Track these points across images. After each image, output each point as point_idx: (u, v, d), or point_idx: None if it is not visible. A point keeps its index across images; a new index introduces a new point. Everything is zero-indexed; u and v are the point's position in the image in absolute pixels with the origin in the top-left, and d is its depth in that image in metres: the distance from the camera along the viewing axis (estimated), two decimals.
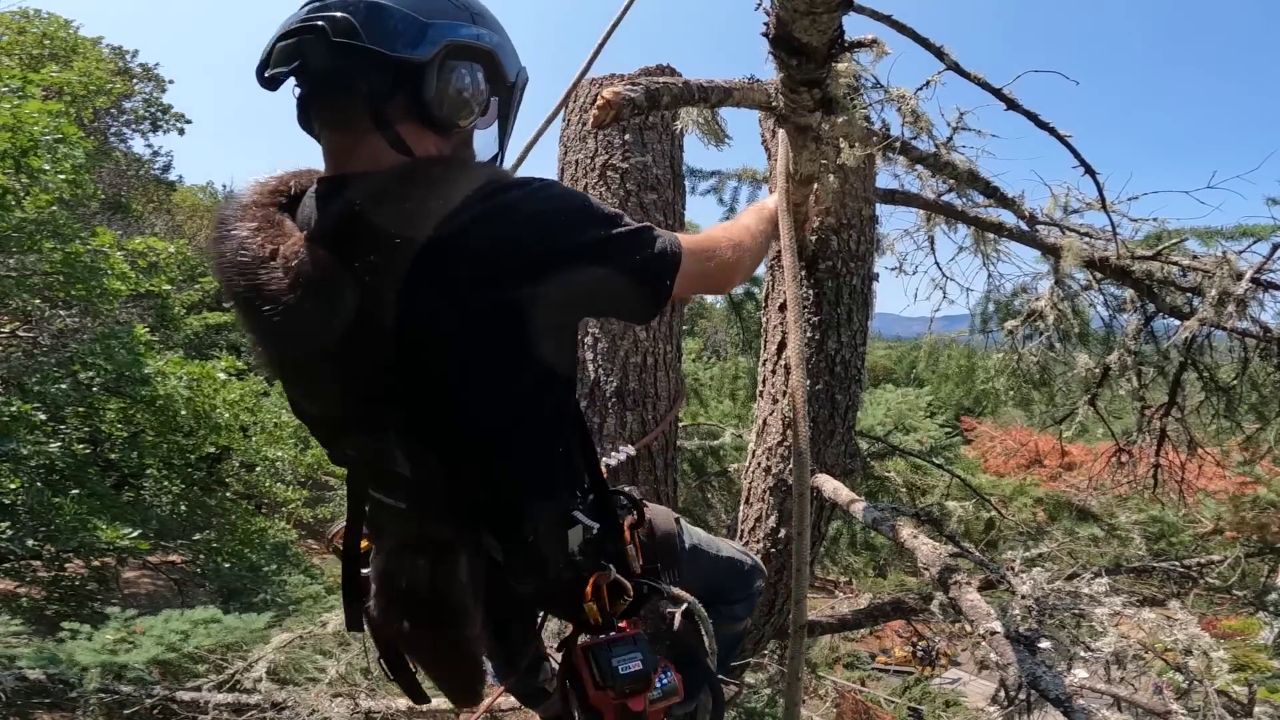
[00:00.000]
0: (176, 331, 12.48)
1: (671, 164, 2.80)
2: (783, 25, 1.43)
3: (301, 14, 0.99)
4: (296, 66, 0.98)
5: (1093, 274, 2.77)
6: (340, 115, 1.03)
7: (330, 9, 0.96)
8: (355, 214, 0.93)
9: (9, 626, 3.94)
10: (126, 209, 15.77)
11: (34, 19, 11.66)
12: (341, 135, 1.04)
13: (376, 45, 0.96)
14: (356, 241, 0.92)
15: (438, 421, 1.02)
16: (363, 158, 1.01)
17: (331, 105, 1.03)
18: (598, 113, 1.41)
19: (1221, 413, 3.00)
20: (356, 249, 0.92)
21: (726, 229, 1.39)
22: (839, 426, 2.38)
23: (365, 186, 0.96)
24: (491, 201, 0.95)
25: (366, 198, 0.94)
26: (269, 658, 3.37)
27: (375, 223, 0.92)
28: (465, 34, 1.03)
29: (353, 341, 0.94)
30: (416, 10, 0.99)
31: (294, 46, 0.97)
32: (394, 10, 0.97)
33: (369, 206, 0.93)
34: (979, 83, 1.83)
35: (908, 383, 12.12)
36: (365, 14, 0.96)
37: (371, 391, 1.00)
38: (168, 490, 9.12)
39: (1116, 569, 3.84)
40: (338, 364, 0.98)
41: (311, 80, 1.02)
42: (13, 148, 5.63)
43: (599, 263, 0.99)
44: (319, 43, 0.96)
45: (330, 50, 0.95)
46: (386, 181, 0.96)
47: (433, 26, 0.99)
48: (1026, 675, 1.32)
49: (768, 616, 2.45)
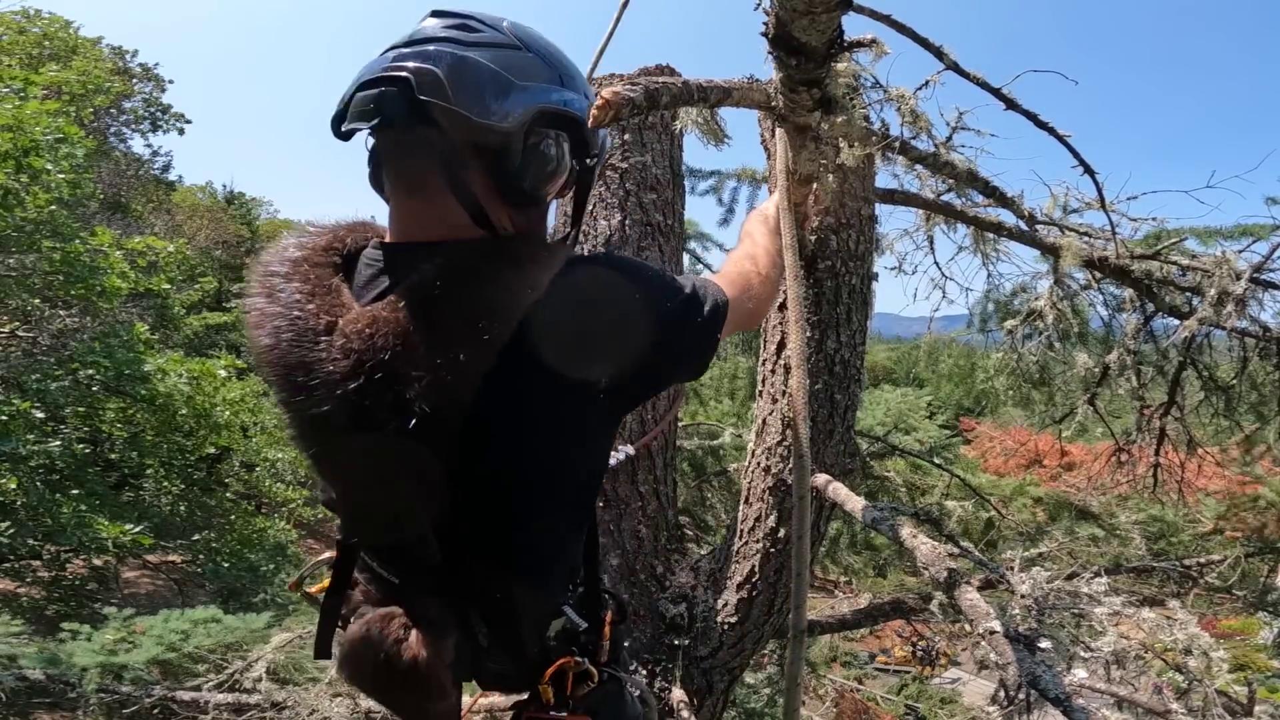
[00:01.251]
0: (176, 331, 12.47)
1: (671, 164, 2.80)
2: (782, 25, 1.43)
3: (383, 63, 0.90)
4: (376, 123, 0.89)
5: (1092, 273, 2.77)
6: (414, 178, 0.94)
7: (415, 60, 0.88)
8: (435, 296, 0.85)
9: (9, 626, 3.94)
10: (126, 209, 15.78)
11: (34, 19, 11.67)
12: (413, 200, 0.96)
13: (463, 108, 0.87)
14: (435, 327, 0.84)
15: (478, 513, 0.95)
16: (433, 225, 0.94)
17: (406, 165, 0.95)
18: (596, 113, 1.41)
19: (1221, 412, 3.01)
20: (435, 335, 0.83)
21: (753, 258, 1.37)
22: (838, 426, 2.38)
23: (445, 264, 0.87)
24: (572, 287, 0.89)
25: (449, 276, 0.85)
26: (269, 657, 3.37)
27: (459, 307, 0.84)
28: (555, 99, 0.95)
29: (410, 432, 0.85)
30: (508, 69, 0.91)
31: (375, 99, 0.89)
32: (484, 68, 0.89)
33: (452, 287, 0.85)
34: (978, 82, 1.83)
35: (907, 382, 12.12)
36: (452, 69, 0.88)
37: (417, 482, 0.91)
38: (168, 490, 9.12)
39: (1116, 569, 3.85)
40: (385, 454, 0.89)
41: (388, 136, 0.94)
42: (14, 148, 5.63)
43: (669, 343, 0.97)
44: (401, 97, 0.88)
45: (412, 107, 0.87)
46: (471, 259, 0.88)
47: (523, 91, 0.91)
48: (1026, 675, 1.32)
49: (767, 616, 2.45)
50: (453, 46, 0.91)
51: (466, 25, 0.94)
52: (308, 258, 0.96)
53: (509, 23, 0.97)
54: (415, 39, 0.93)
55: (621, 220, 2.65)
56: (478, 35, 0.93)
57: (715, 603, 2.47)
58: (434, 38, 0.92)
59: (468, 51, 0.90)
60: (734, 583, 2.44)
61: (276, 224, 24.96)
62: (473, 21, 0.94)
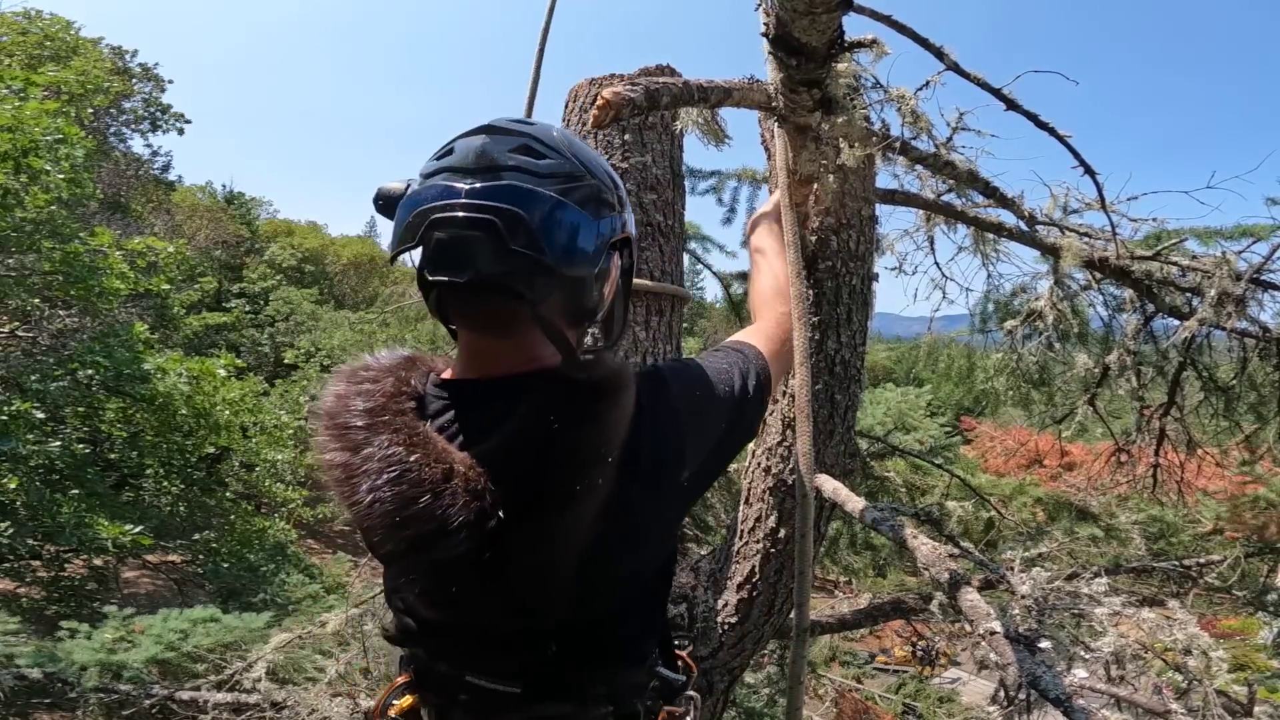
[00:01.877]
0: (176, 331, 12.48)
1: (671, 164, 2.80)
2: (782, 25, 1.43)
3: (451, 193, 0.86)
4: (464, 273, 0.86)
5: (1092, 274, 2.77)
6: (494, 316, 0.92)
7: (494, 199, 0.85)
8: (550, 435, 0.84)
9: (8, 625, 3.94)
10: (126, 209, 15.78)
11: (35, 20, 11.67)
12: (493, 337, 0.94)
13: (556, 261, 0.86)
14: (553, 464, 0.84)
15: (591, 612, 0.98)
16: (518, 362, 0.94)
17: (488, 304, 0.90)
18: (597, 113, 1.41)
19: (1220, 412, 3.01)
20: (551, 471, 0.84)
21: (781, 293, 1.46)
22: (838, 426, 2.38)
23: (546, 401, 0.86)
24: (657, 401, 0.96)
25: (558, 413, 0.85)
26: (268, 657, 3.37)
27: (572, 440, 0.84)
28: (617, 227, 0.96)
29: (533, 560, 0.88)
30: (583, 205, 0.90)
31: (461, 248, 0.85)
32: (569, 214, 0.88)
33: (565, 424, 0.84)
34: (979, 83, 1.83)
35: (907, 382, 12.11)
36: (542, 218, 0.85)
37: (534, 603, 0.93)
38: (167, 490, 9.13)
39: (1116, 569, 3.85)
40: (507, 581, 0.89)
41: (470, 278, 0.88)
42: (13, 148, 5.63)
43: (733, 427, 1.07)
44: (488, 245, 0.84)
45: (503, 255, 0.84)
46: (570, 395, 0.87)
47: (596, 226, 0.91)
48: (1026, 675, 1.32)
49: (767, 616, 2.45)
50: (527, 180, 0.88)
51: (529, 149, 0.90)
52: (385, 406, 0.90)
53: (558, 132, 0.95)
54: (482, 166, 0.88)
55: None
56: (547, 164, 0.90)
57: (715, 603, 2.47)
58: (503, 166, 0.88)
59: (543, 187, 0.88)
60: (734, 583, 2.44)
61: (276, 224, 24.97)
62: (533, 143, 0.91)
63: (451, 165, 0.90)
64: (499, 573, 0.88)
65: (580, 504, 0.86)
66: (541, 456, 0.84)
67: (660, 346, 2.57)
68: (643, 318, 2.53)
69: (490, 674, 0.98)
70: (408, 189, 0.93)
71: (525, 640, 0.96)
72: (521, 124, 0.94)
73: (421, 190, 0.90)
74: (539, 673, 0.98)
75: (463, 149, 0.90)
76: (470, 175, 0.88)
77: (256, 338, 19.44)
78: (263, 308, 20.33)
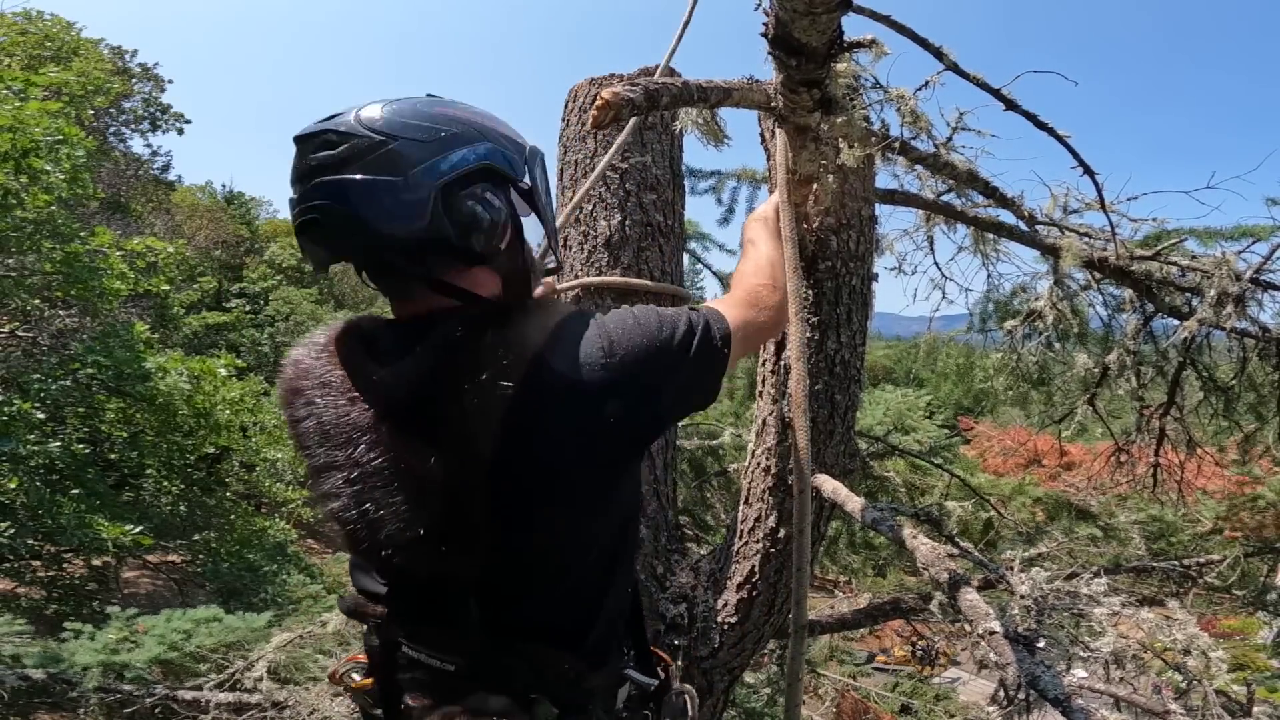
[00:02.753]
0: (176, 331, 12.48)
1: (671, 164, 2.80)
2: (782, 25, 1.43)
3: (295, 207, 0.98)
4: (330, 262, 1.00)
5: (1092, 274, 2.77)
6: (393, 289, 1.05)
7: (313, 199, 0.94)
8: (457, 340, 0.93)
9: (11, 626, 3.95)
10: (126, 209, 15.78)
11: (35, 20, 11.67)
12: (405, 300, 1.05)
13: (386, 228, 0.94)
14: (458, 363, 0.92)
15: (514, 574, 0.99)
16: (425, 304, 1.02)
17: (378, 281, 1.05)
18: (596, 113, 1.41)
19: (1220, 412, 3.01)
20: (460, 368, 0.91)
21: (759, 269, 1.41)
22: (838, 426, 2.38)
23: (463, 318, 0.96)
24: (575, 336, 0.96)
25: (467, 325, 0.94)
26: (269, 657, 3.37)
27: (480, 345, 0.92)
28: (445, 168, 0.96)
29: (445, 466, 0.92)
30: (389, 171, 0.93)
31: (308, 246, 0.99)
32: (368, 184, 0.93)
33: (470, 332, 0.93)
34: (978, 83, 1.83)
35: (907, 382, 12.11)
36: (345, 199, 0.93)
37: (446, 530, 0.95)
38: (167, 490, 9.13)
39: (1116, 569, 3.85)
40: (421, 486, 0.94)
41: (341, 262, 1.02)
42: (13, 149, 5.63)
43: (678, 380, 1.04)
44: (323, 241, 0.97)
45: (341, 244, 0.97)
46: (486, 313, 0.98)
47: (412, 183, 0.94)
48: (1025, 675, 1.32)
49: (767, 616, 2.45)
50: (327, 174, 0.94)
51: (326, 143, 0.95)
52: (329, 341, 1.04)
53: (360, 114, 0.97)
54: (298, 175, 0.97)
55: (621, 220, 2.65)
56: (343, 149, 0.94)
57: (715, 603, 2.47)
58: (308, 168, 0.96)
59: (343, 173, 0.93)
60: (734, 583, 2.44)
61: (276, 224, 24.95)
62: (329, 135, 0.95)
63: (291, 179, 1.00)
64: (403, 487, 0.92)
65: (478, 416, 0.89)
66: (440, 369, 0.92)
67: None
68: None
69: (425, 645, 1.02)
70: None
71: (450, 595, 0.98)
72: (325, 120, 0.98)
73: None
74: (473, 649, 0.99)
75: (293, 163, 1.00)
76: (297, 183, 0.98)
77: (256, 338, 19.44)
78: (263, 308, 20.33)
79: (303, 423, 0.99)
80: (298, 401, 1.01)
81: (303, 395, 1.00)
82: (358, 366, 0.98)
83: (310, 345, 1.05)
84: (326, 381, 0.99)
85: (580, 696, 1.04)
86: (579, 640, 1.05)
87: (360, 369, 0.97)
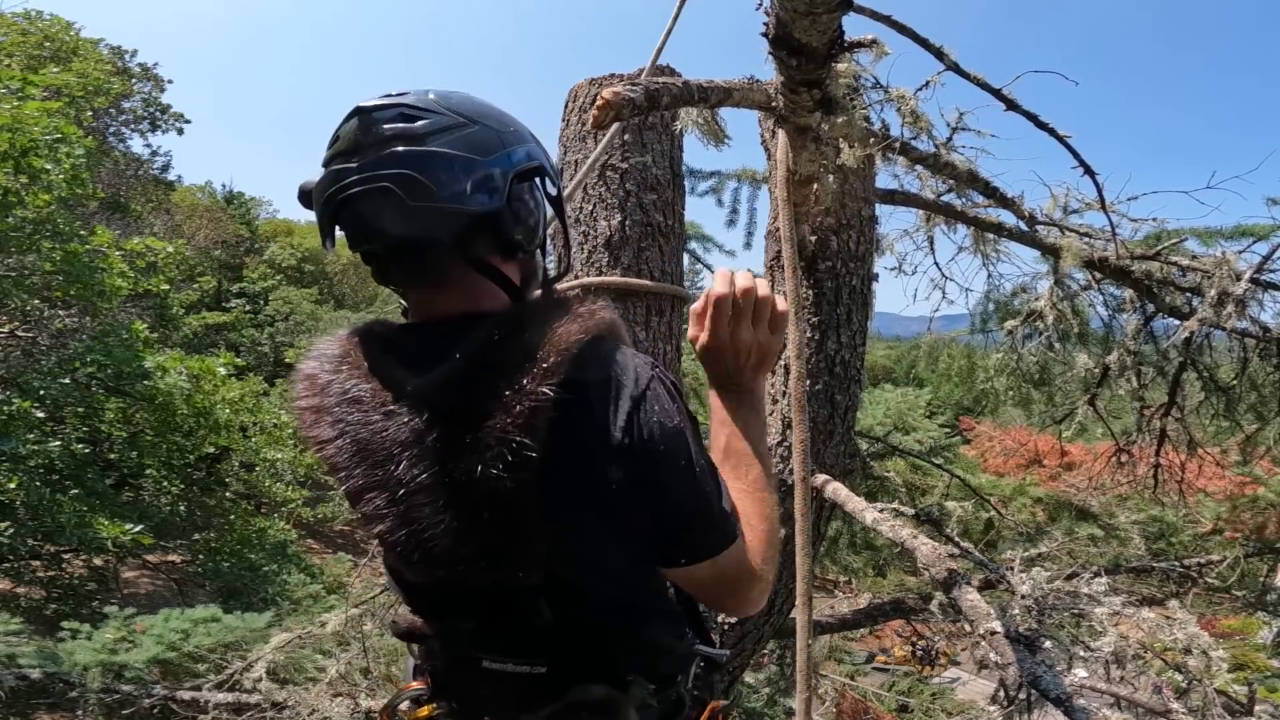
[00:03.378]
0: (175, 331, 12.49)
1: (671, 164, 2.80)
2: (783, 26, 1.43)
3: (344, 176, 0.92)
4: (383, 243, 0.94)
5: (1092, 274, 2.77)
6: (431, 272, 0.98)
7: (384, 167, 0.90)
8: (495, 342, 0.89)
9: (9, 625, 3.94)
10: (125, 209, 15.78)
11: (35, 20, 11.68)
12: (436, 290, 1.00)
13: (454, 203, 0.91)
14: (498, 367, 0.87)
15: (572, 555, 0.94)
16: (455, 304, 0.98)
17: (418, 264, 0.98)
18: (597, 113, 1.41)
19: (1221, 412, 3.01)
20: (500, 373, 0.87)
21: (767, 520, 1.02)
22: (838, 427, 2.38)
23: (497, 321, 0.91)
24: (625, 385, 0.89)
25: (503, 327, 0.90)
26: (269, 657, 3.37)
27: (516, 346, 0.88)
28: (518, 159, 0.98)
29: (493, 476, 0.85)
30: (471, 150, 0.94)
31: (367, 217, 0.93)
32: (456, 158, 0.92)
33: (507, 335, 0.89)
34: (979, 83, 1.83)
35: (907, 382, 12.10)
36: (430, 169, 0.90)
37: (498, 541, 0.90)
38: (167, 490, 9.13)
39: (1116, 569, 3.84)
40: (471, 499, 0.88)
41: (388, 244, 0.96)
42: (13, 148, 5.63)
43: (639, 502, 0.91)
44: (393, 210, 0.91)
45: (408, 215, 0.91)
46: (518, 315, 0.93)
47: (492, 164, 0.95)
48: (1026, 675, 1.32)
49: (767, 616, 2.45)
50: (409, 143, 0.92)
51: (403, 116, 0.94)
52: (347, 350, 0.99)
53: (434, 95, 0.98)
54: (367, 143, 0.93)
55: (621, 220, 2.65)
56: (423, 124, 0.93)
57: None
58: (384, 137, 0.92)
59: (426, 145, 0.92)
60: None
61: (276, 224, 24.96)
62: (406, 110, 0.94)
63: (340, 150, 0.95)
64: (452, 501, 0.88)
65: (523, 421, 0.85)
66: (473, 375, 0.88)
67: (660, 346, 2.57)
68: (643, 318, 2.53)
69: (506, 654, 0.97)
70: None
71: (518, 602, 0.94)
72: (391, 96, 0.97)
73: (321, 181, 0.96)
74: (557, 646, 0.96)
75: (345, 134, 0.95)
76: (357, 154, 0.93)
77: (256, 337, 19.45)
78: (262, 307, 20.34)
79: (332, 443, 0.93)
80: (323, 421, 0.95)
81: (327, 414, 0.95)
82: (389, 377, 0.93)
83: (321, 358, 1.00)
84: (355, 397, 0.93)
85: (670, 666, 1.03)
86: (653, 616, 1.03)
87: (392, 379, 0.92)
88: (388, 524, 0.91)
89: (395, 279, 1.02)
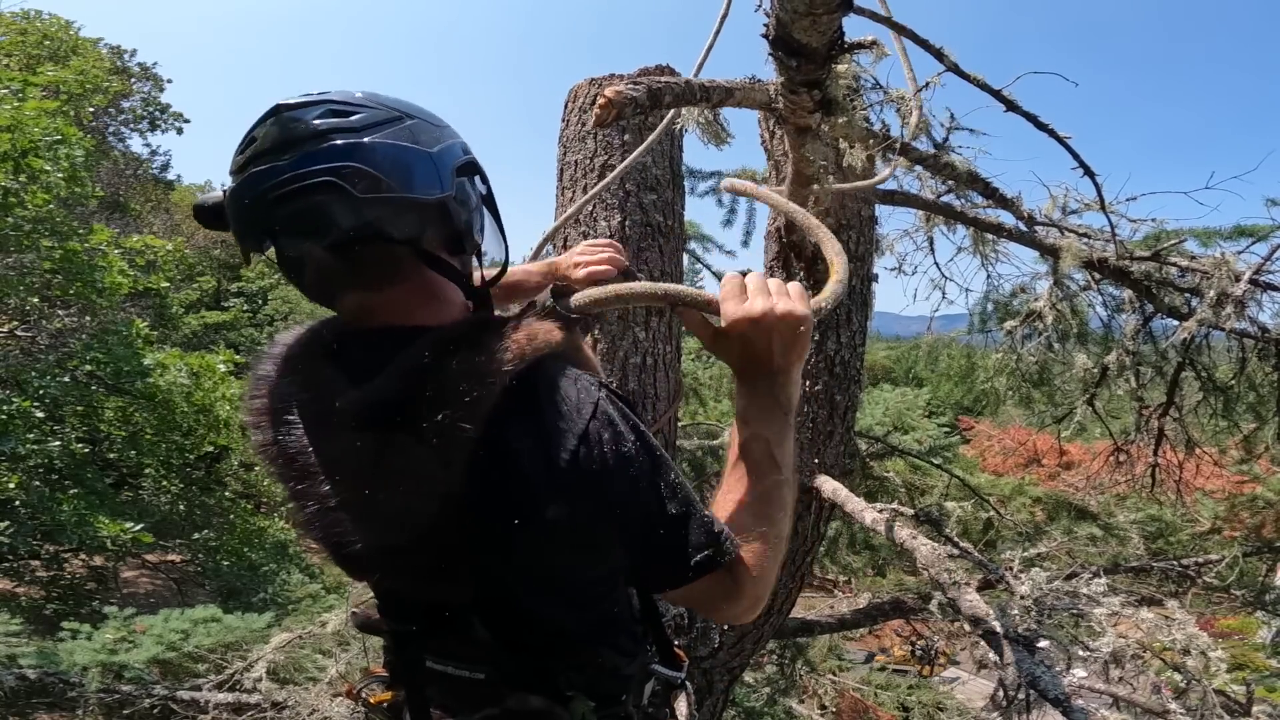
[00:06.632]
0: (175, 330, 12.47)
1: (671, 164, 2.80)
2: (783, 26, 1.43)
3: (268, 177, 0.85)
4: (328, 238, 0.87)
5: (1091, 274, 2.78)
6: (381, 268, 0.93)
7: (319, 162, 0.85)
8: (424, 366, 0.85)
9: (9, 625, 3.94)
10: (125, 208, 15.76)
11: (34, 20, 11.66)
12: (379, 293, 0.94)
13: (404, 193, 0.88)
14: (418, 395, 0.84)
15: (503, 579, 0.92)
16: (398, 312, 0.94)
17: (363, 262, 0.91)
18: (599, 112, 1.41)
19: (1219, 412, 3.02)
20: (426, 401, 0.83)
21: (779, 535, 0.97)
22: (838, 427, 2.38)
23: (433, 339, 0.87)
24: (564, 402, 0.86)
25: (435, 348, 0.85)
26: (269, 657, 3.37)
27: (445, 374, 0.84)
28: (457, 153, 0.96)
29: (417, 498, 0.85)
30: (414, 143, 0.90)
31: (309, 214, 0.85)
32: (398, 148, 0.89)
33: (438, 358, 0.85)
34: (978, 84, 1.83)
35: (906, 382, 12.09)
36: (370, 159, 0.86)
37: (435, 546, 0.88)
38: (167, 489, 9.13)
39: (1115, 568, 3.85)
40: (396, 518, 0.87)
41: (331, 242, 0.89)
42: (13, 149, 5.63)
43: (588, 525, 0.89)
44: (337, 203, 0.85)
45: (355, 208, 0.85)
46: (454, 333, 0.88)
47: (435, 157, 0.92)
48: (1025, 675, 1.32)
49: (766, 617, 2.45)
50: (348, 137, 0.87)
51: (334, 111, 0.89)
52: (292, 356, 0.97)
53: (361, 93, 0.94)
54: (297, 138, 0.87)
55: (621, 221, 2.65)
56: (358, 117, 0.89)
57: None
58: (318, 132, 0.87)
59: (364, 137, 0.88)
60: None
61: None
62: (335, 105, 0.90)
63: (261, 150, 0.88)
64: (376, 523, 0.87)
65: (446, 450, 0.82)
66: (403, 399, 0.84)
67: (660, 347, 2.57)
68: (642, 318, 2.53)
69: (447, 658, 0.98)
70: (226, 192, 0.92)
71: (454, 614, 0.94)
72: (314, 95, 0.92)
73: (243, 183, 0.88)
74: (495, 658, 0.96)
75: (267, 134, 0.89)
76: (287, 151, 0.86)
77: (255, 337, 19.44)
78: (261, 306, 20.33)
79: (269, 448, 0.93)
80: (263, 424, 0.94)
81: (269, 416, 0.94)
82: (324, 388, 0.90)
83: (274, 359, 0.98)
84: (292, 405, 0.92)
85: (615, 688, 1.01)
86: (600, 637, 1.01)
87: (326, 391, 0.89)
88: (315, 534, 0.91)
89: (334, 282, 0.96)
